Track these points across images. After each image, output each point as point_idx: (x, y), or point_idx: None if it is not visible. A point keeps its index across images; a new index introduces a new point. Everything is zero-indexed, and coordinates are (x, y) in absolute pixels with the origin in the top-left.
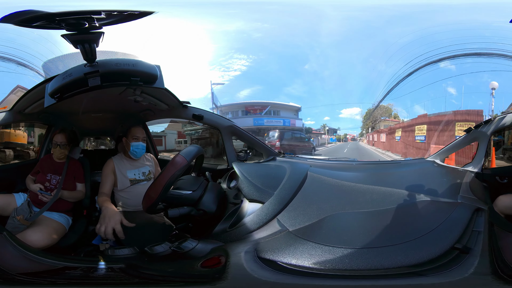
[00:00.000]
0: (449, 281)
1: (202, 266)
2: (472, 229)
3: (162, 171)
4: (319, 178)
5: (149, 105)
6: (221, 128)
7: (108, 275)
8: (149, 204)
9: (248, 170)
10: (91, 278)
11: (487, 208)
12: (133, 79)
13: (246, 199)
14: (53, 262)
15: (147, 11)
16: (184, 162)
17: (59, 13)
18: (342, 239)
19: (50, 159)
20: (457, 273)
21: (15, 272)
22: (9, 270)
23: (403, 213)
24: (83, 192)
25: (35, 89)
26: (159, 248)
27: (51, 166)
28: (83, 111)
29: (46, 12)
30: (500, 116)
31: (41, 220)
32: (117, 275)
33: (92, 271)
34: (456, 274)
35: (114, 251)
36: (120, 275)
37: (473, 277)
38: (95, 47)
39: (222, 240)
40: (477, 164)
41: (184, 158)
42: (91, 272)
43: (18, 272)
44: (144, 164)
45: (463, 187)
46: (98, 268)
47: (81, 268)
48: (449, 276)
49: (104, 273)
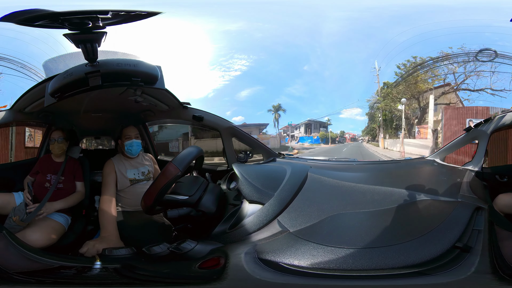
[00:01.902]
0: (451, 280)
1: (200, 267)
2: (472, 228)
3: (154, 180)
4: (320, 178)
5: (149, 106)
6: (221, 129)
7: (102, 275)
8: (145, 208)
9: (248, 171)
10: (85, 278)
11: (487, 207)
12: (134, 79)
13: (246, 200)
14: (50, 261)
15: (153, 12)
16: (176, 172)
17: (63, 13)
18: (343, 240)
19: (49, 159)
20: (459, 272)
21: (12, 271)
22: (7, 269)
23: (404, 213)
24: (82, 192)
25: (35, 88)
26: (157, 248)
27: (50, 166)
28: (83, 111)
29: (50, 11)
30: (500, 114)
31: (40, 219)
32: (111, 275)
33: (87, 271)
34: (458, 273)
35: (111, 251)
36: (114, 275)
37: (475, 276)
38: (96, 47)
39: (222, 241)
40: (477, 163)
41: (176, 167)
42: (85, 272)
43: (16, 271)
44: (143, 164)
45: (463, 186)
46: (93, 268)
47: (76, 268)
48: (451, 275)
49: (98, 273)
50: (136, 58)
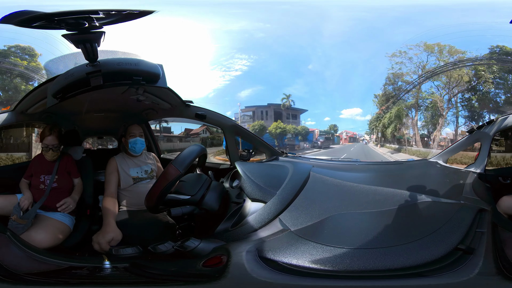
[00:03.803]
0: (453, 281)
1: (204, 265)
2: (475, 230)
3: (155, 182)
4: (322, 178)
5: (151, 104)
6: (224, 127)
7: (114, 274)
8: (148, 208)
9: (251, 170)
10: (97, 277)
11: (490, 209)
12: (135, 78)
13: (249, 198)
14: (59, 262)
15: (146, 11)
16: (176, 174)
17: (56, 13)
18: (344, 240)
19: (41, 159)
20: (462, 274)
21: (22, 272)
22: (16, 271)
23: (406, 214)
24: (80, 186)
25: (37, 89)
26: (162, 247)
27: (44, 167)
28: (85, 111)
29: (43, 12)
30: (503, 116)
31: (44, 220)
32: (122, 274)
33: (98, 270)
34: (461, 275)
35: (118, 250)
36: (125, 274)
37: (479, 277)
38: (96, 46)
39: (224, 239)
40: (480, 165)
41: (176, 169)
42: (97, 272)
43: (26, 272)
44: (146, 163)
45: (466, 188)
46: (104, 268)
47: (87, 268)
48: (454, 276)
49: (110, 273)
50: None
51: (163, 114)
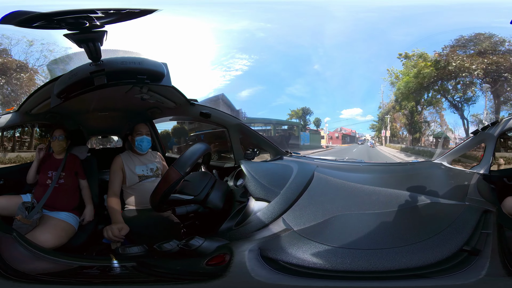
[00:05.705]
0: (460, 283)
1: (207, 264)
2: (480, 231)
3: (157, 184)
4: (326, 178)
5: (156, 103)
6: (228, 126)
7: (123, 273)
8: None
9: (255, 169)
10: (107, 276)
11: (495, 210)
12: (139, 77)
13: (253, 197)
14: (70, 262)
15: (146, 10)
16: (176, 177)
17: (55, 13)
18: (347, 240)
19: (50, 157)
20: (469, 276)
21: (34, 273)
22: (27, 271)
23: (410, 215)
24: (87, 188)
25: (41, 90)
26: (167, 245)
27: (51, 164)
28: (89, 110)
29: (40, 12)
30: (507, 117)
31: (48, 220)
32: (131, 273)
33: (108, 270)
34: (467, 276)
35: (125, 249)
36: (134, 273)
37: (486, 279)
38: (99, 45)
39: (228, 238)
40: (485, 166)
41: (177, 172)
42: (107, 271)
43: (38, 273)
44: (151, 161)
45: (470, 189)
46: (113, 267)
47: (96, 267)
48: (460, 278)
49: (119, 272)
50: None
51: (168, 112)
